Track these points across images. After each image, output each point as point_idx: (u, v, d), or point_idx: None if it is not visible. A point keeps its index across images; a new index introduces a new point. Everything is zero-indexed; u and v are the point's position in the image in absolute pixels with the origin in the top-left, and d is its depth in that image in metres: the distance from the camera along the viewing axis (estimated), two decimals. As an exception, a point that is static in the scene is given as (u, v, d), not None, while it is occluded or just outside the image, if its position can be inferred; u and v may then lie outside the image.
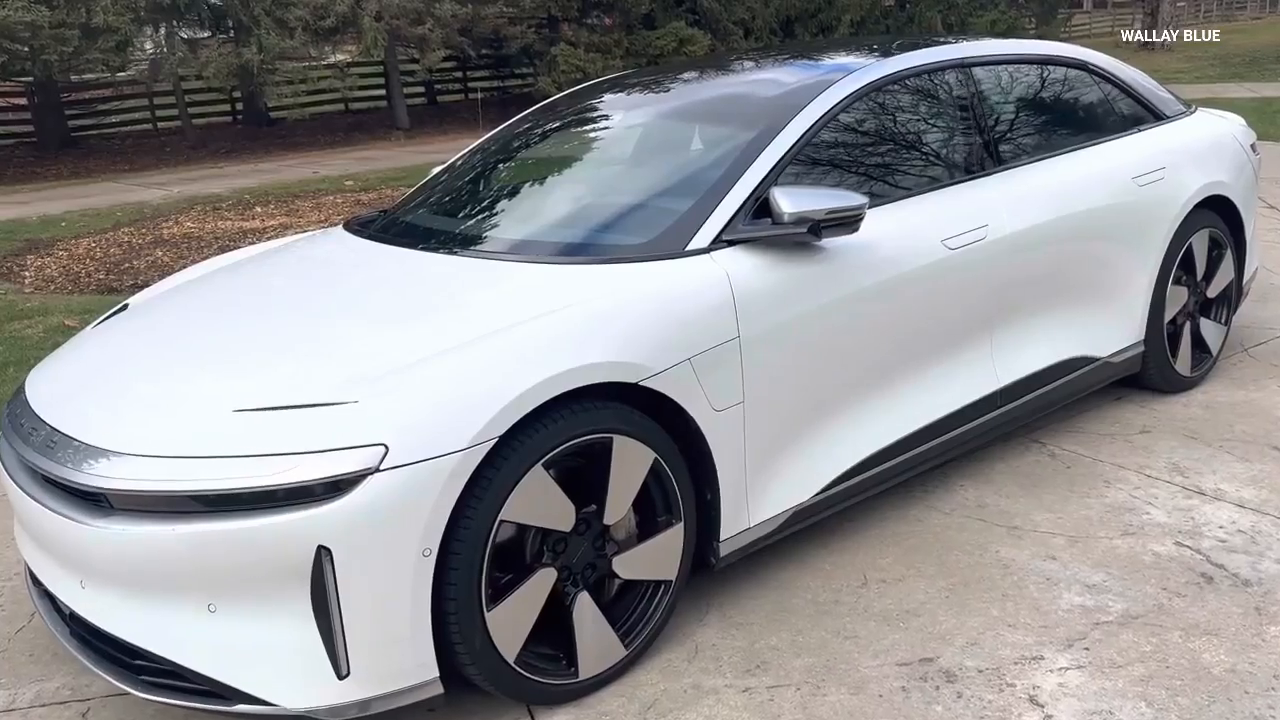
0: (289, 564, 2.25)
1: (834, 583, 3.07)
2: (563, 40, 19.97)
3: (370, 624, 2.29)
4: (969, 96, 3.59)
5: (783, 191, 2.86)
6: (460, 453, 2.30)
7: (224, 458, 2.30)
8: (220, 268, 3.53)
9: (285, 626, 2.30)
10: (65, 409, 2.64)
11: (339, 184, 13.63)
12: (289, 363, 2.57)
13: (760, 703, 2.57)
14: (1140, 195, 3.91)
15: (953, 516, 3.42)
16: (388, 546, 2.27)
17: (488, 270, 2.90)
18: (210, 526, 2.25)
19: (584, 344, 2.52)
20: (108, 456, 2.40)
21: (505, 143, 3.89)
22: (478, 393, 2.37)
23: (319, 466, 2.23)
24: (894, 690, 2.59)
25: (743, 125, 3.19)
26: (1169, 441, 3.88)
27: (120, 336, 3.05)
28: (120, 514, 2.35)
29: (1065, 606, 2.89)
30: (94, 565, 2.42)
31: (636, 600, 2.73)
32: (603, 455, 2.55)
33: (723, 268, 2.80)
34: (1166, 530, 3.25)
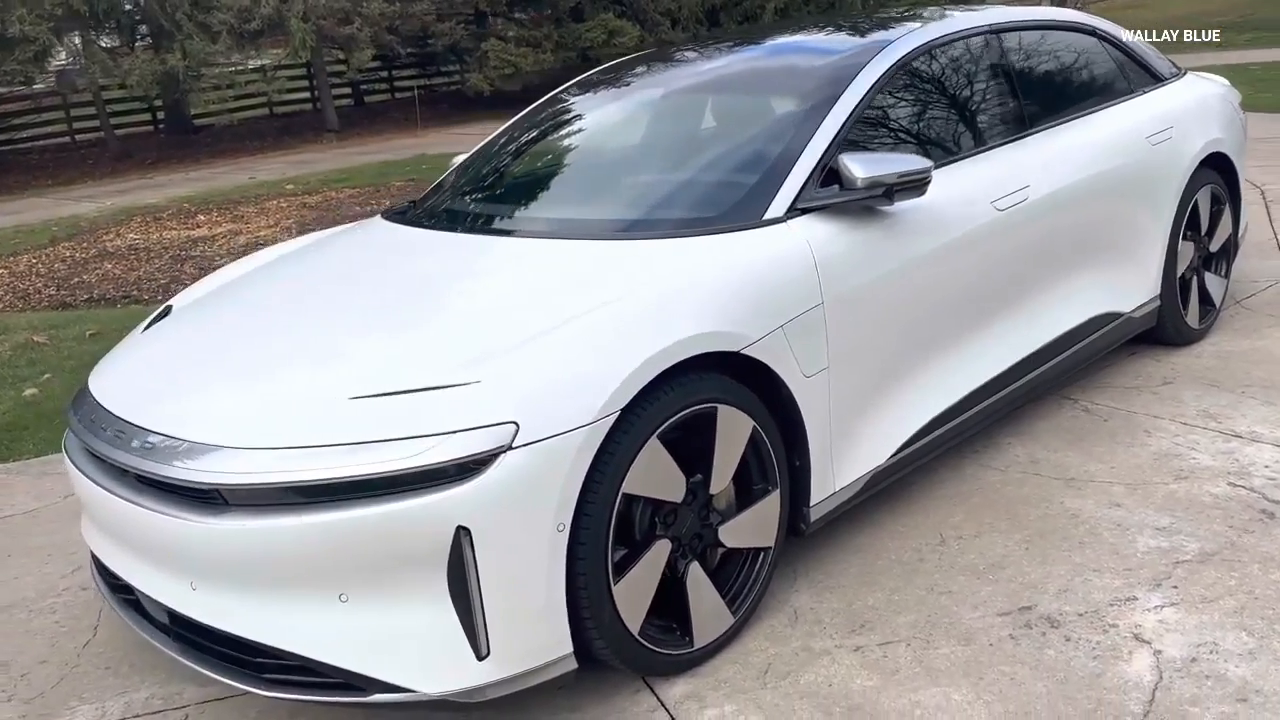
0: (426, 547, 2.22)
1: (912, 543, 3.13)
2: (492, 35, 19.83)
3: (509, 602, 2.28)
4: (1001, 61, 3.67)
5: (852, 158, 2.90)
6: (587, 427, 2.30)
7: (348, 445, 2.25)
8: (270, 262, 3.46)
9: (420, 611, 2.27)
10: (157, 409, 2.56)
11: (279, 188, 13.39)
12: (394, 349, 2.53)
13: (875, 660, 2.61)
14: (1153, 154, 4.04)
15: (1009, 473, 3.50)
16: (524, 523, 2.26)
17: (572, 250, 2.88)
18: (342, 515, 2.21)
19: (690, 314, 2.53)
20: (219, 452, 2.34)
21: (544, 123, 3.87)
22: (598, 367, 2.36)
23: (452, 447, 2.21)
24: (1003, 639, 2.65)
25: (798, 95, 3.23)
26: (1193, 390, 4.02)
27: (190, 333, 2.98)
28: (236, 509, 2.30)
29: (1142, 549, 2.98)
30: (208, 564, 2.36)
31: (738, 568, 2.74)
32: (707, 426, 2.57)
33: (802, 235, 2.83)
34: (1216, 473, 3.37)
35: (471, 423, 2.24)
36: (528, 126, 3.93)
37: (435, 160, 14.80)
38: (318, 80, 20.07)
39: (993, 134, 3.54)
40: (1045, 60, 3.92)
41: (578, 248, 2.88)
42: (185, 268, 8.81)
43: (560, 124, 3.82)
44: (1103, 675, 2.48)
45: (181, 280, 8.35)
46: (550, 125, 3.85)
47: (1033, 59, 3.85)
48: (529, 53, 19.71)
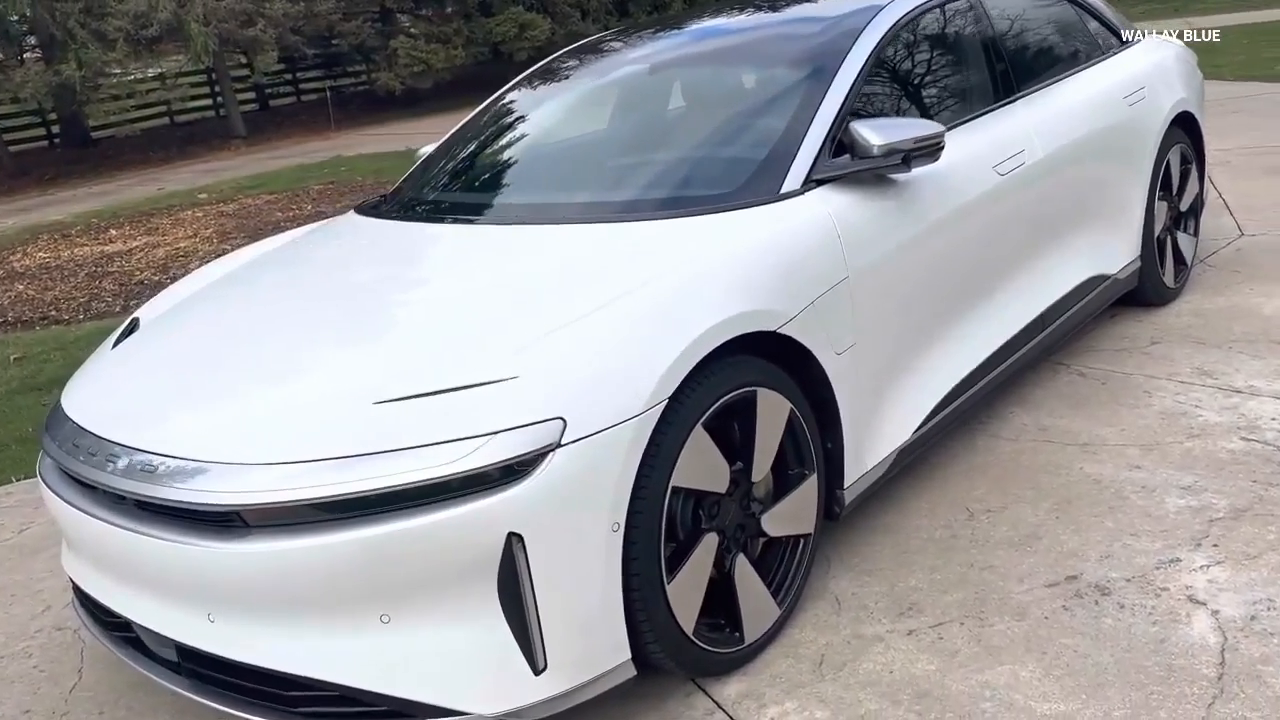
0: (475, 556, 2.06)
1: (941, 520, 3.05)
2: (400, 33, 19.43)
3: (566, 610, 2.13)
4: (985, 24, 3.61)
5: (865, 125, 2.80)
6: (637, 418, 2.16)
7: (381, 453, 2.08)
8: (246, 266, 3.23)
9: (470, 626, 2.11)
10: (154, 429, 2.35)
11: (191, 198, 12.92)
12: (414, 348, 2.35)
13: (930, 642, 2.52)
14: (1130, 114, 4.03)
15: (1020, 442, 3.44)
16: (578, 525, 2.11)
17: (587, 234, 2.73)
18: (382, 529, 2.04)
19: (727, 293, 2.40)
20: (234, 469, 2.14)
21: (527, 105, 3.70)
22: (643, 353, 2.22)
23: (498, 449, 2.05)
24: (1056, 611, 2.58)
25: (797, 64, 3.12)
26: (1182, 349, 4.02)
27: (176, 345, 2.75)
28: (259, 531, 2.11)
29: (1173, 510, 2.94)
30: (229, 593, 2.16)
31: (779, 558, 2.63)
32: (747, 410, 2.44)
33: (823, 207, 2.72)
34: (1226, 428, 3.36)
35: (516, 421, 2.08)
36: (507, 110, 3.75)
37: (352, 162, 14.42)
38: (221, 85, 19.44)
39: (986, 98, 3.48)
40: (1024, 22, 3.88)
41: (593, 231, 2.73)
42: (104, 284, 8.42)
43: (546, 105, 3.66)
44: (1166, 641, 2.42)
45: (101, 297, 7.97)
46: (534, 107, 3.68)
47: (1013, 21, 3.81)
48: (439, 49, 19.37)
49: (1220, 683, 2.27)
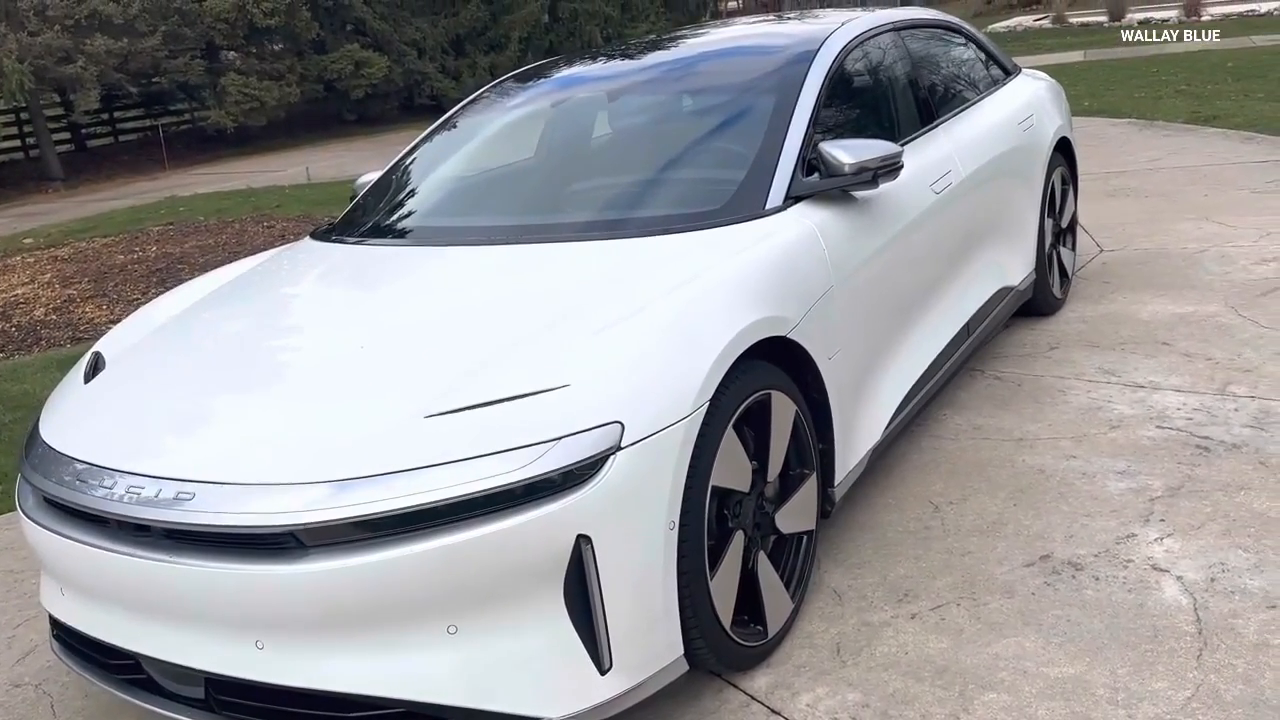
0: (544, 561, 2.10)
1: (910, 513, 3.24)
2: (230, 70, 18.85)
3: (629, 609, 2.19)
4: (907, 56, 3.89)
5: (833, 145, 2.99)
6: (686, 419, 2.25)
7: (441, 465, 2.09)
8: (225, 292, 3.14)
9: (537, 630, 2.15)
10: (183, 456, 2.29)
11: (15, 243, 12.17)
12: (451, 363, 2.37)
13: (935, 623, 2.69)
14: (1025, 139, 4.39)
15: (960, 441, 3.69)
16: (640, 525, 2.18)
17: (590, 250, 2.81)
18: (451, 539, 2.05)
19: (746, 300, 2.53)
20: (286, 489, 2.12)
21: (486, 128, 3.74)
22: (686, 358, 2.32)
23: (561, 454, 2.10)
24: (1040, 587, 2.79)
25: (758, 90, 3.30)
26: (1080, 352, 4.38)
27: (178, 371, 2.66)
28: (317, 550, 2.09)
29: (1116, 492, 3.22)
30: (283, 617, 2.13)
31: (787, 554, 2.75)
32: (764, 412, 2.57)
33: (808, 221, 2.89)
34: (1140, 419, 3.69)
35: (576, 426, 2.14)
36: (468, 132, 3.78)
37: (189, 202, 13.89)
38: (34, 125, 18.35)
39: (915, 122, 3.75)
40: (936, 55, 4.19)
41: (598, 248, 2.81)
42: (-64, 332, 7.87)
43: (505, 128, 3.71)
44: (1145, 605, 2.67)
45: (-65, 346, 7.45)
46: (496, 130, 3.72)
47: (927, 54, 4.11)
48: (272, 86, 18.90)
49: (1201, 637, 2.52)
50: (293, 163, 17.53)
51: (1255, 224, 6.06)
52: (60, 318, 8.23)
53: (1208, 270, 5.28)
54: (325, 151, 18.52)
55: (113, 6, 16.23)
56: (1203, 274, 5.23)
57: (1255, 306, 4.65)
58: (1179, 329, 4.50)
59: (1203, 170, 7.83)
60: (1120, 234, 6.16)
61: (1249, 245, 5.64)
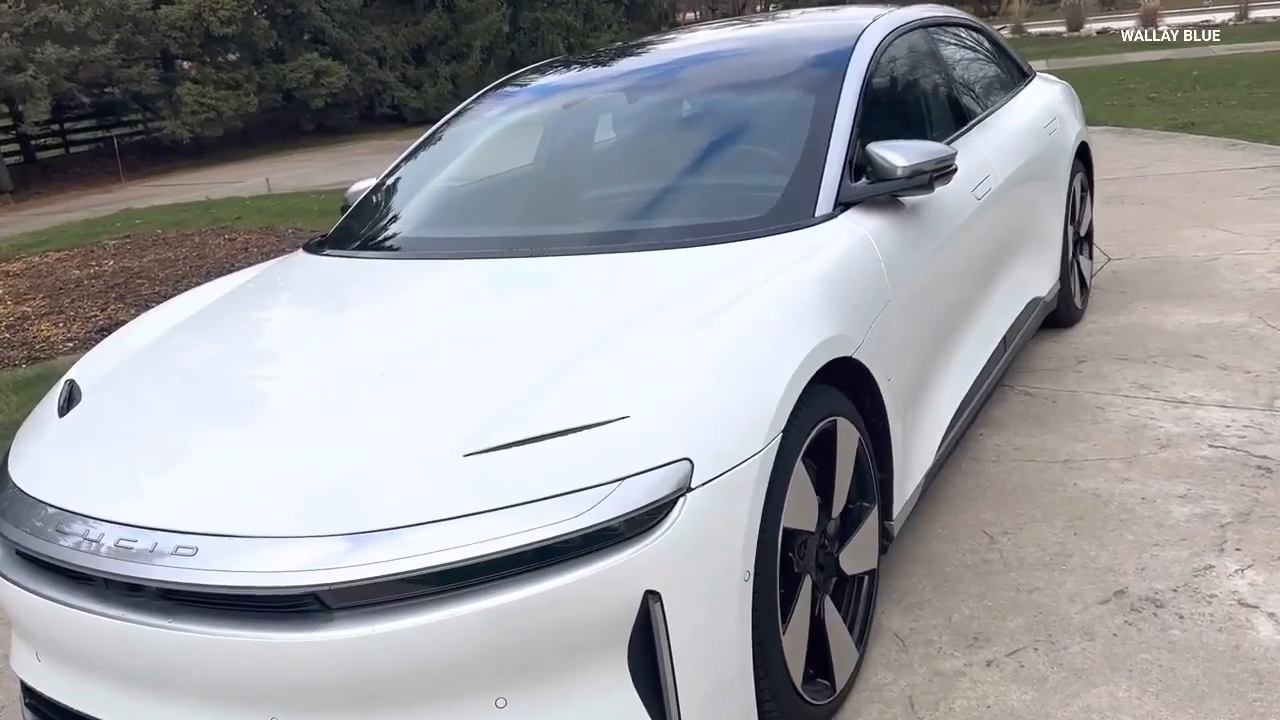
0: (607, 621, 1.83)
1: (964, 545, 3.00)
2: (186, 79, 18.36)
3: (703, 674, 1.92)
4: (939, 54, 3.67)
5: (884, 147, 2.75)
6: (760, 454, 1.99)
7: (485, 513, 1.81)
8: (207, 316, 2.82)
9: (597, 702, 1.87)
10: (180, 505, 1.98)
11: (-37, 258, 11.66)
12: (490, 392, 2.08)
13: (1014, 671, 2.44)
14: (1050, 143, 4.19)
15: (1003, 464, 3.46)
16: (714, 577, 1.92)
17: (628, 262, 2.54)
18: (498, 600, 1.77)
19: (811, 318, 2.27)
20: (304, 544, 1.83)
21: (494, 132, 3.45)
22: (752, 385, 2.06)
23: (625, 497, 1.83)
24: (1121, 627, 2.56)
25: (794, 89, 3.06)
26: (1111, 365, 4.18)
27: (171, 406, 2.35)
28: (343, 613, 1.80)
29: (1182, 519, 3.00)
30: (302, 690, 1.84)
31: (849, 598, 2.49)
32: (829, 442, 2.31)
33: (861, 229, 2.64)
34: (1190, 438, 3.48)
35: (639, 465, 1.86)
36: (476, 135, 3.49)
37: (146, 215, 13.44)
38: (-20, 136, 17.76)
39: (950, 124, 3.53)
40: (962, 54, 3.98)
41: (637, 260, 2.54)
42: (-105, 354, 7.43)
43: (513, 132, 3.43)
44: (1240, 646, 2.44)
45: (-108, 366, 7.02)
46: (501, 133, 3.45)
47: (954, 53, 3.89)
48: (230, 95, 18.45)
49: (1312, 683, 2.29)
50: (252, 174, 17.08)
51: (1261, 231, 5.92)
52: (14, 336, 7.81)
53: (1225, 279, 5.11)
54: (285, 162, 18.06)
55: (64, 14, 15.71)
56: (1220, 283, 5.06)
57: (1284, 317, 4.48)
58: (1209, 340, 4.31)
59: (1194, 177, 7.72)
60: (1126, 242, 6.00)
61: (1261, 253, 5.49)
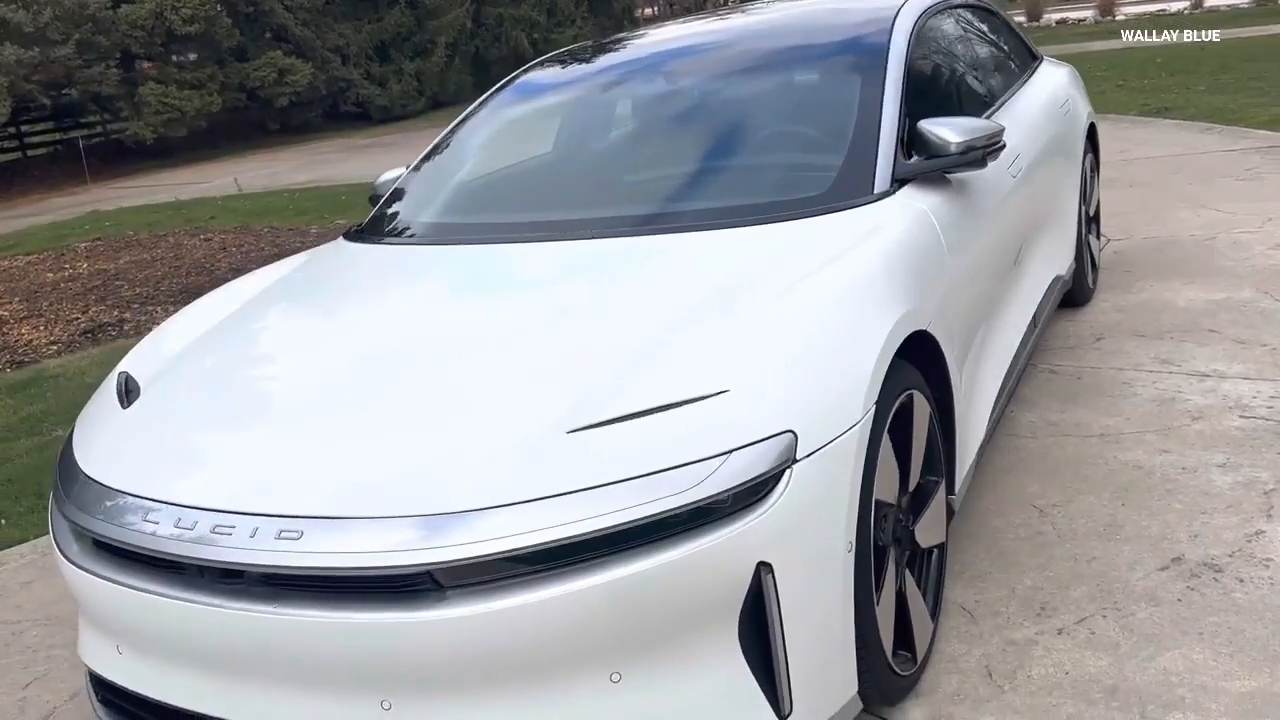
0: (720, 593, 1.83)
1: (1015, 519, 3.03)
2: (150, 79, 18.08)
3: (810, 644, 1.92)
4: (965, 33, 3.70)
5: (936, 124, 2.77)
6: (858, 426, 2.00)
7: (595, 488, 1.81)
8: (266, 302, 2.78)
9: (709, 673, 1.87)
10: (271, 487, 1.95)
11: (-70, 264, 11.41)
12: (584, 370, 2.07)
13: (1086, 638, 2.47)
14: (1066, 123, 4.24)
15: (1039, 439, 3.50)
16: (820, 548, 1.92)
17: (691, 242, 2.54)
18: (617, 574, 1.77)
19: (891, 292, 2.28)
20: (418, 524, 1.81)
21: (537, 115, 3.43)
22: (846, 357, 2.07)
23: (733, 470, 1.83)
24: (1184, 592, 2.59)
25: (839, 67, 3.07)
26: (1129, 342, 4.24)
27: (241, 387, 2.33)
28: (457, 592, 1.78)
29: (1226, 486, 3.05)
30: (417, 671, 1.82)
31: (922, 571, 2.51)
32: (904, 416, 2.32)
33: (920, 204, 2.66)
34: (1220, 409, 3.54)
35: (746, 438, 1.86)
36: (512, 119, 3.48)
37: (116, 217, 13.24)
38: (-63, 140, 17.37)
39: (980, 102, 3.55)
40: (984, 35, 4.01)
41: (699, 239, 2.54)
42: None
43: (557, 113, 3.41)
44: (1304, 607, 2.48)
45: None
46: (545, 115, 3.43)
47: (977, 32, 3.92)
48: (193, 95, 18.18)
49: (1381, 640, 2.34)
50: (219, 174, 16.86)
51: (1253, 210, 6.02)
52: (-5, 340, 7.65)
53: (1225, 256, 5.20)
54: (252, 161, 17.84)
55: (22, 14, 15.41)
56: (1222, 260, 5.14)
57: (1291, 291, 4.56)
58: (1220, 316, 4.38)
59: (1177, 160, 7.84)
60: (1122, 223, 6.07)
61: (1256, 231, 5.58)
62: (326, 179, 14.69)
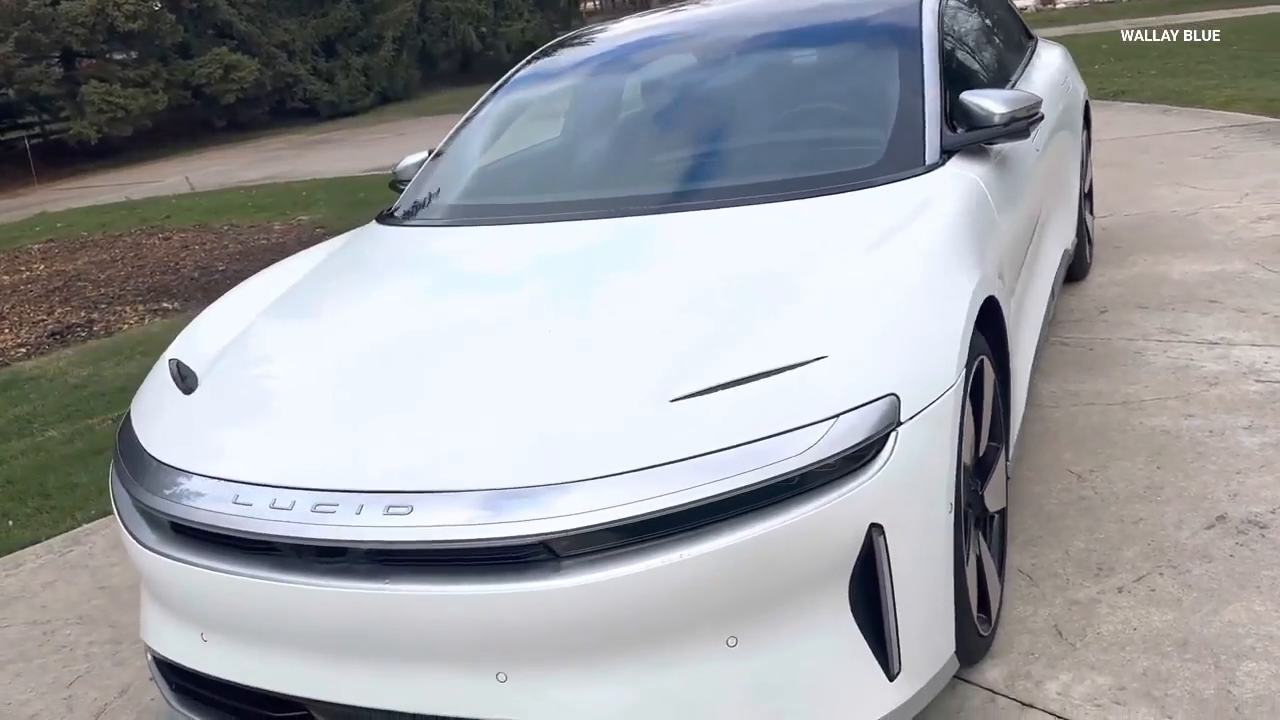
0: (832, 555, 1.84)
1: (1056, 484, 3.08)
2: (92, 77, 17.65)
3: (918, 604, 1.95)
4: (979, 10, 3.74)
5: (979, 95, 2.81)
6: (953, 388, 2.02)
7: (707, 454, 1.80)
8: (323, 282, 2.74)
9: (819, 637, 1.88)
10: (374, 463, 1.93)
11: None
12: (677, 340, 2.07)
13: (1147, 595, 2.53)
14: (1069, 98, 4.32)
15: (1063, 408, 3.56)
16: (925, 509, 1.94)
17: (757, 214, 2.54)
18: (731, 539, 1.77)
19: (965, 258, 2.31)
20: (531, 495, 1.80)
21: (568, 93, 3.42)
22: (937, 321, 2.10)
23: (843, 434, 1.84)
24: (1234, 548, 2.66)
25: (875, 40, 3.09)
26: (1135, 314, 4.32)
27: (317, 366, 2.29)
28: (572, 561, 1.78)
29: (1256, 447, 3.13)
30: (532, 643, 1.81)
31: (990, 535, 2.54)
32: (977, 381, 2.35)
33: (971, 174, 2.69)
34: (1235, 375, 3.63)
35: (850, 402, 1.87)
36: (546, 97, 3.45)
37: (66, 218, 12.94)
38: None
39: (1001, 76, 3.60)
40: (993, 12, 4.06)
41: (764, 211, 2.54)
42: None
43: (591, 89, 3.39)
44: (1354, 558, 2.56)
45: None
46: (579, 92, 3.41)
47: (988, 10, 3.97)
48: (137, 93, 17.80)
49: None
50: (168, 173, 16.54)
51: (1228, 186, 6.18)
52: (-41, 344, 7.44)
53: (1210, 231, 5.32)
54: (201, 160, 17.52)
55: (-42, 11, 14.98)
56: (1207, 235, 5.26)
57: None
58: (1217, 287, 4.49)
59: (1143, 141, 8.00)
60: (1103, 201, 6.18)
61: (1235, 206, 5.73)
62: (281, 175, 14.49)
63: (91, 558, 3.57)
